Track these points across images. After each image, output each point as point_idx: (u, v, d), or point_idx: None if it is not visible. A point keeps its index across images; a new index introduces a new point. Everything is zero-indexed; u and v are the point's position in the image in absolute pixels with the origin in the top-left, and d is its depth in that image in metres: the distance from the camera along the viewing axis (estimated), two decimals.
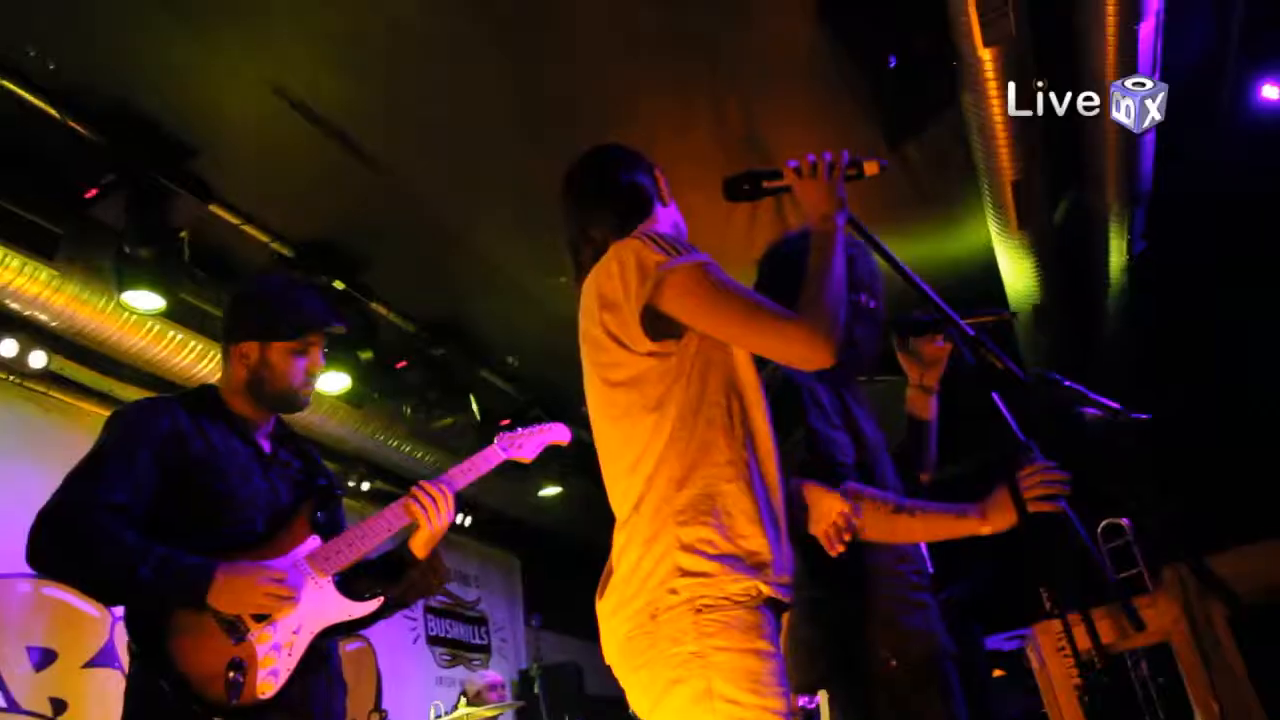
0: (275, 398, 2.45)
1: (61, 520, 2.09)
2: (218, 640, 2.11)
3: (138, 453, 2.21)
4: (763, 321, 1.82)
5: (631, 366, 1.89)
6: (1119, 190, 5.32)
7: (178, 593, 2.08)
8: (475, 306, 6.06)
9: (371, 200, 5.02)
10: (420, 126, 4.64)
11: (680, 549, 1.74)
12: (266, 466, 2.43)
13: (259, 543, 2.28)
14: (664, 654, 1.71)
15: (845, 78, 4.69)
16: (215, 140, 4.45)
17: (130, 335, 4.73)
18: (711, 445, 1.82)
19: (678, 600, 1.71)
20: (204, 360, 5.02)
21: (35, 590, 4.66)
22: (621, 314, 1.89)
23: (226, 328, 2.50)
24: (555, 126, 4.68)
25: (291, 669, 2.19)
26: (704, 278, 1.85)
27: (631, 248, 1.92)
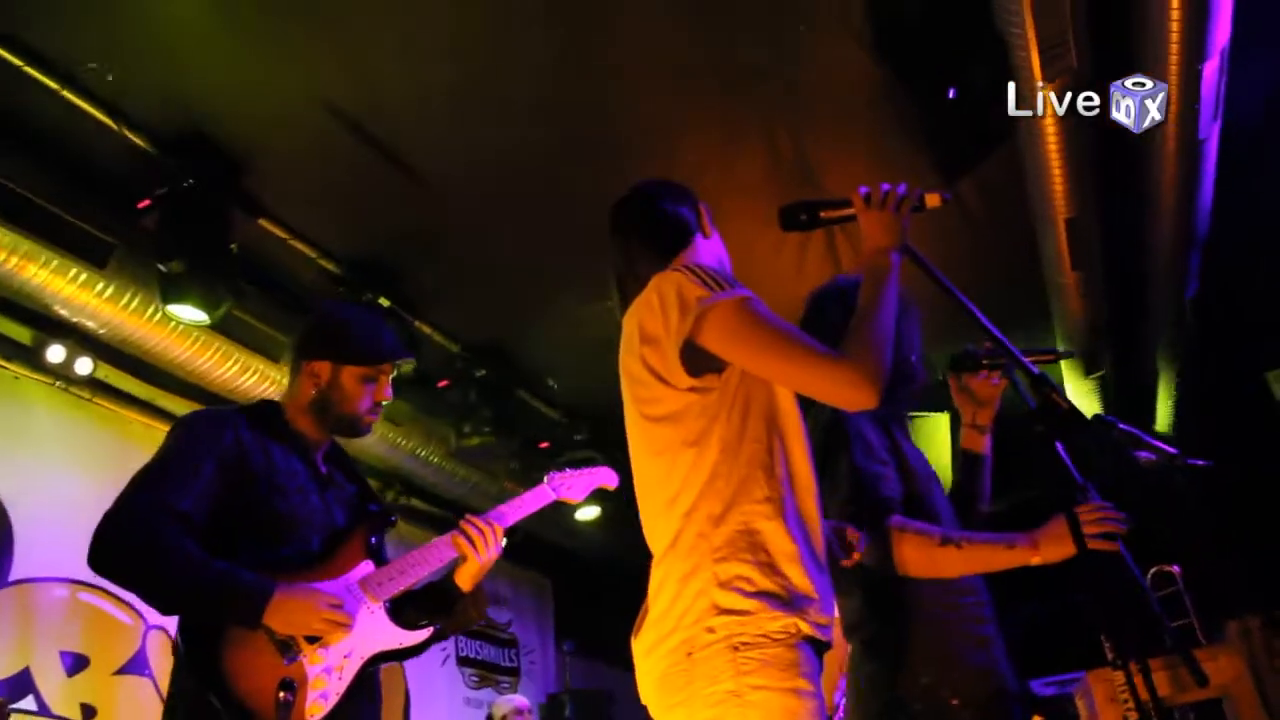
0: (339, 420, 2.45)
1: (127, 524, 2.10)
2: (270, 659, 2.11)
3: (203, 463, 2.20)
4: (806, 360, 1.79)
5: (672, 402, 1.87)
6: (1175, 231, 5.23)
7: (235, 609, 2.07)
8: (519, 329, 6.05)
9: (420, 219, 5.04)
10: (470, 149, 4.65)
11: (717, 586, 1.72)
12: (323, 487, 2.43)
13: (313, 563, 2.28)
14: (700, 693, 1.68)
15: (899, 111, 4.64)
16: (266, 154, 4.50)
17: (175, 345, 4.76)
18: (751, 482, 1.79)
19: (714, 639, 1.69)
20: (247, 373, 5.05)
21: (71, 595, 4.68)
22: (662, 348, 1.88)
23: (300, 344, 2.50)
24: (603, 157, 4.68)
25: (341, 693, 2.19)
26: (746, 313, 1.83)
27: (672, 281, 1.90)
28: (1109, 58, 4.17)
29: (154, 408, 5.30)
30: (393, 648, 2.32)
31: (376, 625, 2.30)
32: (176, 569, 2.05)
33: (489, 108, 4.43)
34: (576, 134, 4.66)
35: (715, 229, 2.17)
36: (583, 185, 4.94)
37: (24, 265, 4.15)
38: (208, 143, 4.30)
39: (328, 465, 2.50)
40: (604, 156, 4.66)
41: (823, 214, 2.05)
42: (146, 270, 4.38)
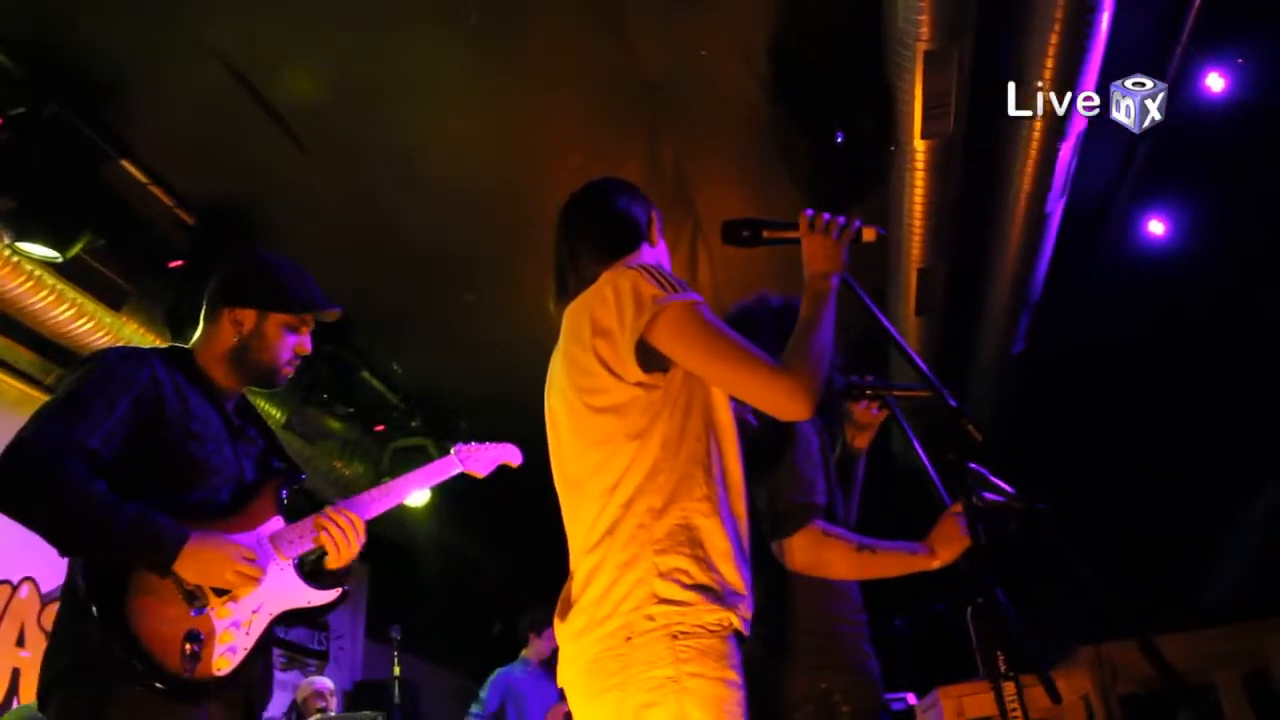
0: (257, 369, 2.36)
1: (33, 460, 1.97)
2: (177, 609, 2.02)
3: (118, 400, 2.10)
4: (751, 368, 1.86)
5: (617, 394, 1.91)
6: (1013, 292, 5.63)
7: (146, 553, 1.99)
8: (372, 307, 5.91)
9: (286, 181, 4.87)
10: (348, 116, 4.55)
11: (657, 576, 1.77)
12: (235, 439, 2.34)
13: (222, 514, 2.19)
14: (638, 677, 1.73)
15: (782, 144, 4.82)
16: (136, 89, 4.26)
17: (8, 280, 4.39)
18: (690, 480, 1.85)
19: (654, 626, 1.74)
20: (82, 319, 4.72)
21: None
22: (614, 342, 1.91)
23: (222, 289, 2.39)
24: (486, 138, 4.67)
25: (249, 648, 2.12)
26: (697, 317, 1.88)
27: (628, 277, 1.94)
28: (981, 126, 4.49)
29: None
30: (301, 605, 2.27)
31: (286, 582, 2.24)
32: (84, 508, 1.95)
33: (373, 71, 4.33)
34: (468, 115, 4.62)
35: (662, 239, 2.21)
36: (466, 168, 4.91)
37: None
38: (75, 68, 4.03)
39: (239, 418, 2.41)
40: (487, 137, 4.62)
41: (765, 233, 2.13)
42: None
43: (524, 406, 6.40)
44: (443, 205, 5.14)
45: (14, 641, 5.01)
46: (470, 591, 8.73)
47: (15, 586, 5.09)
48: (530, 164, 4.88)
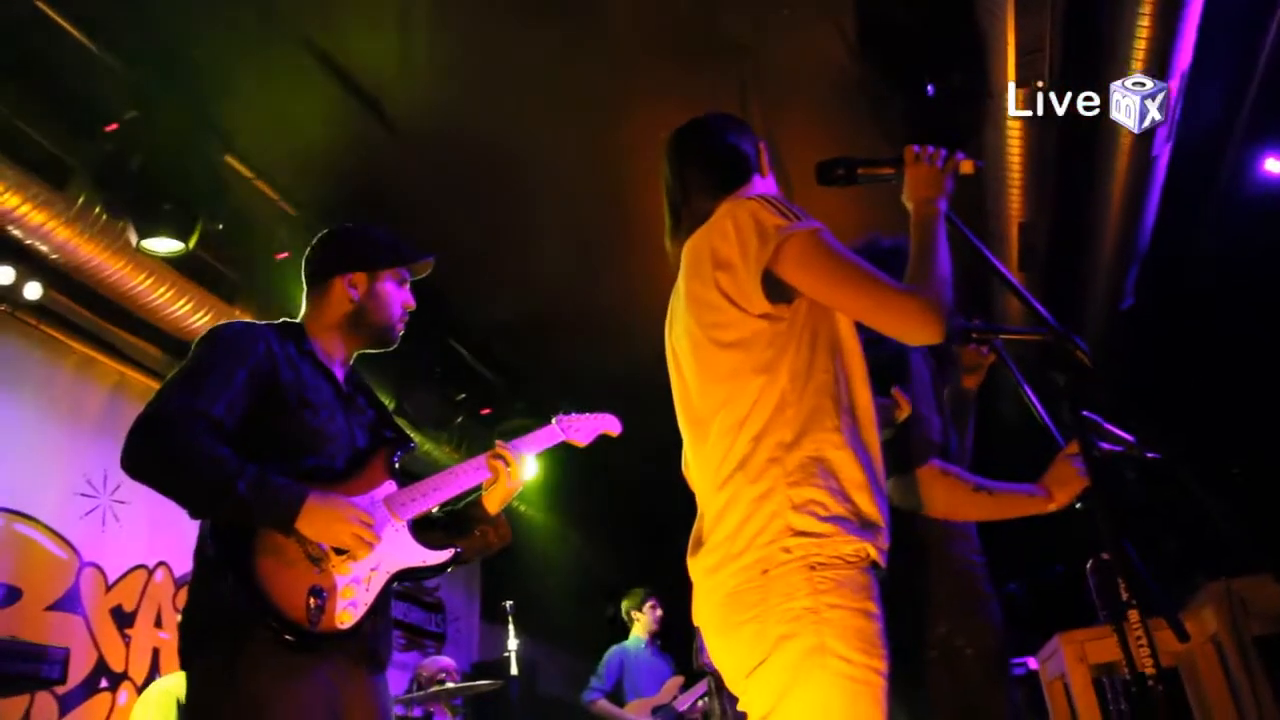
0: (377, 330, 2.48)
1: (162, 428, 2.09)
2: (301, 566, 2.12)
3: (236, 371, 2.21)
4: (879, 292, 1.84)
5: (742, 328, 1.90)
6: (1119, 244, 5.45)
7: (270, 512, 2.09)
8: (467, 282, 6.00)
9: (387, 173, 4.99)
10: (445, 102, 4.64)
11: (792, 509, 1.76)
12: (347, 408, 2.44)
13: (337, 480, 2.28)
14: (775, 609, 1.72)
15: (870, 100, 4.75)
16: (239, 89, 4.41)
17: (129, 278, 4.63)
18: (821, 411, 1.84)
19: (790, 558, 1.73)
20: (200, 312, 4.94)
21: (6, 525, 4.55)
22: (738, 275, 1.90)
23: (327, 261, 2.50)
24: (580, 110, 4.70)
25: (369, 604, 2.21)
26: (823, 244, 1.87)
27: (748, 208, 1.93)
28: (1075, 69, 4.35)
29: (100, 340, 5.17)
30: (416, 565, 2.35)
31: (401, 543, 2.33)
32: (212, 471, 2.05)
33: (468, 62, 4.42)
34: (555, 92, 4.66)
35: (772, 170, 2.20)
36: (560, 143, 4.96)
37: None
38: (183, 70, 4.19)
39: (349, 387, 2.50)
40: (581, 111, 4.65)
41: (860, 170, 2.11)
42: (109, 197, 4.25)
43: (628, 385, 6.48)
44: (545, 192, 5.22)
45: (153, 623, 5.27)
46: (581, 573, 8.83)
47: (151, 571, 5.35)
48: (621, 134, 4.91)
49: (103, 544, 5.05)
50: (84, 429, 5.09)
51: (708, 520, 1.90)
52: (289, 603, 2.07)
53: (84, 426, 5.10)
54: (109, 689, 4.90)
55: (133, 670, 5.06)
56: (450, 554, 2.42)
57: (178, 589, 5.41)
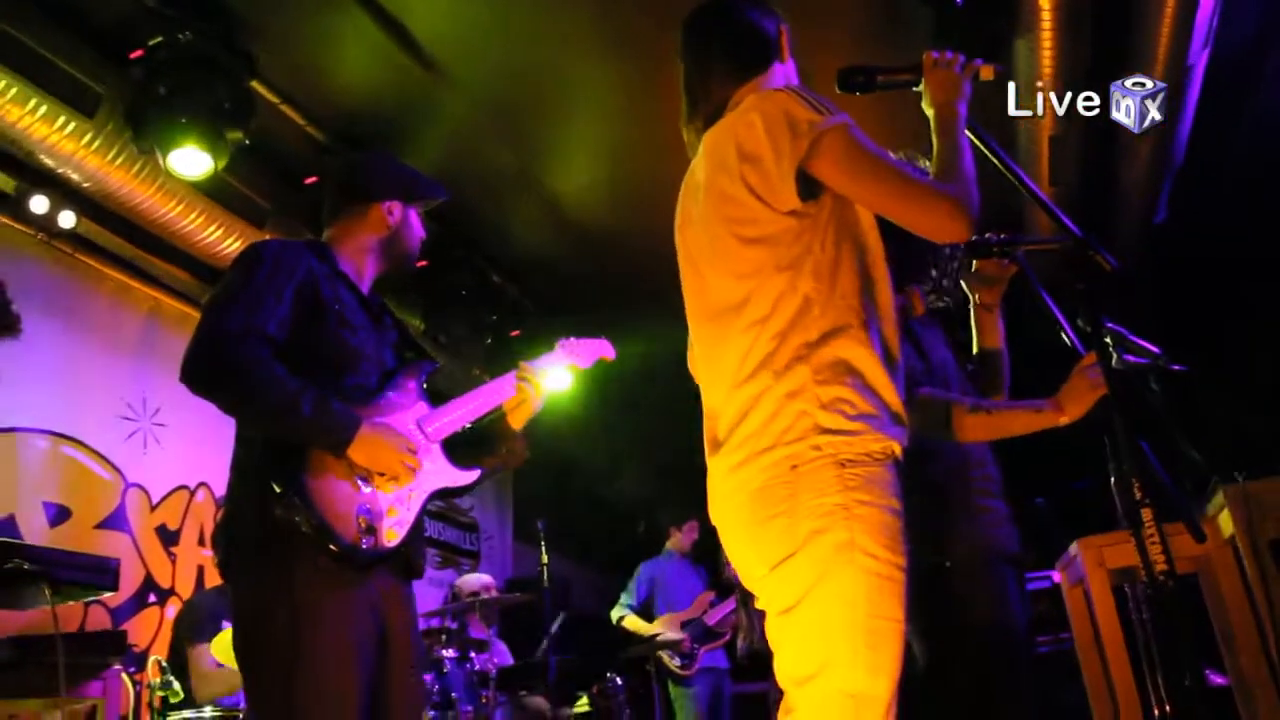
0: (402, 257, 2.58)
1: (223, 346, 2.15)
2: (350, 487, 2.20)
3: (285, 287, 2.27)
4: (912, 190, 1.83)
5: (768, 224, 1.88)
6: (1152, 156, 5.36)
7: (325, 434, 2.16)
8: (489, 206, 6.01)
9: (415, 94, 4.98)
10: (475, 29, 4.60)
11: (820, 407, 1.77)
12: (377, 327, 2.50)
13: (370, 398, 2.35)
14: (806, 504, 1.74)
15: (897, 13, 4.67)
16: (264, 12, 4.40)
17: (159, 205, 4.67)
18: (846, 310, 1.84)
19: (820, 455, 1.75)
20: (230, 237, 4.98)
21: (53, 447, 4.68)
22: (767, 170, 1.86)
23: (366, 185, 2.55)
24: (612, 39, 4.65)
25: (411, 523, 2.30)
26: (855, 140, 1.85)
27: (777, 101, 1.89)
28: None
29: (135, 267, 5.25)
30: (447, 485, 2.43)
31: (435, 463, 2.42)
32: (272, 389, 2.12)
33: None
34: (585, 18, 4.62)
35: (792, 57, 2.14)
36: (577, 60, 4.91)
37: (9, 109, 4.04)
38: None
39: (375, 307, 2.56)
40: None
41: (880, 78, 2.09)
42: (137, 123, 4.28)
43: (652, 300, 6.48)
44: (558, 107, 5.19)
45: (196, 541, 5.44)
46: (611, 492, 8.96)
47: (192, 491, 5.50)
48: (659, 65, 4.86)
49: (145, 466, 5.19)
50: (122, 354, 5.20)
51: (726, 418, 1.91)
52: (342, 521, 2.15)
53: (122, 352, 5.20)
54: (157, 603, 5.08)
55: (179, 586, 5.23)
56: (478, 474, 2.50)
57: (218, 508, 5.56)
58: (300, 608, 2.08)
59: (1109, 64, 4.72)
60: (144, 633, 4.96)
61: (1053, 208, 2.03)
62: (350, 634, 2.13)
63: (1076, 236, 1.95)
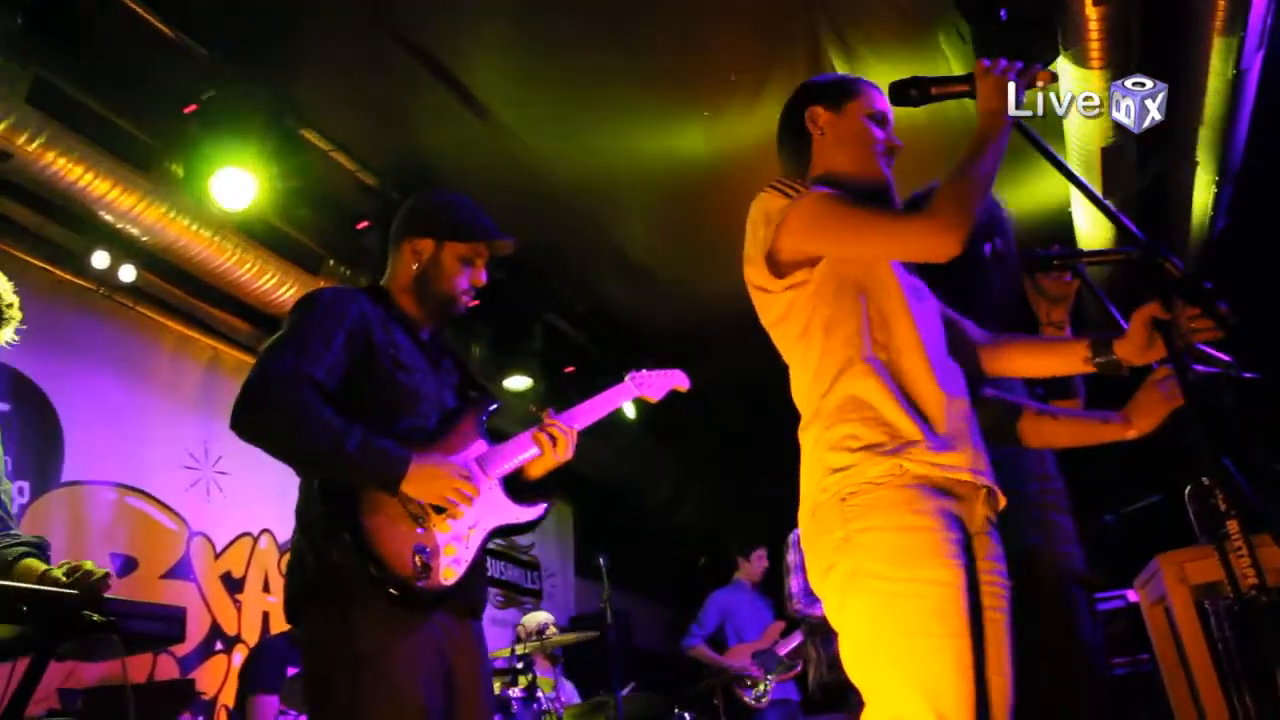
0: (436, 299, 2.50)
1: (271, 391, 2.17)
2: (405, 525, 2.20)
3: (335, 333, 2.28)
4: (885, 227, 1.92)
5: (778, 306, 2.02)
6: (1210, 166, 5.25)
7: (377, 473, 2.17)
8: (556, 252, 6.04)
9: (465, 136, 5.04)
10: (519, 60, 4.66)
11: (829, 449, 1.86)
12: (435, 368, 2.50)
13: (430, 439, 2.34)
14: (819, 545, 1.85)
15: (942, 30, 4.64)
16: (315, 62, 4.48)
17: (215, 256, 4.75)
18: (851, 350, 1.92)
19: (827, 496, 1.83)
20: (284, 286, 5.05)
21: (119, 499, 4.76)
22: (756, 264, 2.02)
23: (403, 223, 2.55)
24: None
25: (470, 561, 2.28)
26: (817, 206, 1.94)
27: (759, 203, 2.04)
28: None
29: (194, 318, 5.36)
30: (510, 521, 2.42)
31: (495, 500, 2.40)
32: (322, 432, 2.13)
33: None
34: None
35: (855, 101, 2.15)
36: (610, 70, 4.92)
37: (70, 168, 4.14)
38: (255, 44, 4.27)
39: (435, 349, 2.55)
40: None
41: (934, 89, 2.05)
42: (192, 176, 4.37)
43: (707, 335, 6.44)
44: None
45: (261, 588, 5.48)
46: (674, 526, 8.90)
47: (255, 538, 5.55)
48: (697, 92, 4.88)
49: (208, 514, 5.25)
50: (183, 405, 5.28)
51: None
52: (398, 561, 2.14)
53: (183, 402, 5.29)
54: (224, 651, 5.12)
55: (245, 633, 5.27)
56: (542, 509, 2.48)
57: (281, 555, 5.60)
58: (362, 652, 2.08)
59: (1158, 71, 4.64)
60: (212, 681, 4.99)
61: (1113, 210, 1.98)
62: (415, 678, 2.11)
63: (1143, 243, 1.89)
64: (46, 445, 4.48)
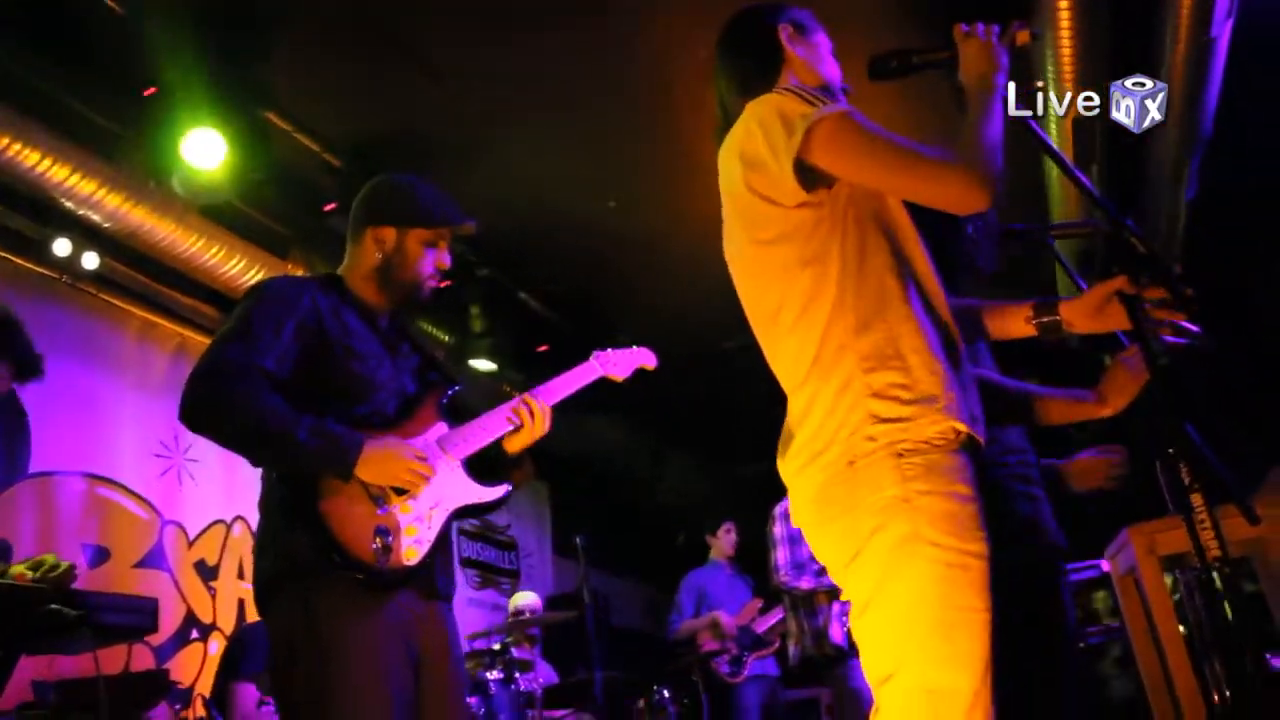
0: (402, 286, 2.48)
1: (218, 382, 2.15)
2: (364, 507, 2.19)
3: (284, 323, 2.26)
4: (917, 165, 1.78)
5: (782, 222, 1.86)
6: (1179, 136, 5.25)
7: (328, 459, 2.15)
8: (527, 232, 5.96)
9: (430, 118, 4.97)
10: (486, 47, 4.59)
11: (872, 396, 1.72)
12: (392, 354, 2.48)
13: (389, 425, 2.34)
14: (864, 500, 1.70)
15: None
16: (273, 42, 4.40)
17: (181, 241, 4.70)
18: (885, 290, 1.80)
19: (876, 446, 1.70)
20: (252, 269, 5.00)
21: (89, 489, 4.71)
22: (769, 171, 1.85)
23: (362, 211, 2.52)
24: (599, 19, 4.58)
25: (432, 541, 2.27)
26: (853, 126, 1.81)
27: (770, 103, 1.88)
28: None
29: (160, 304, 5.29)
30: (474, 502, 2.41)
31: (457, 481, 2.39)
32: (272, 421, 2.11)
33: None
34: None
35: (814, 36, 2.08)
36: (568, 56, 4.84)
37: (28, 154, 4.07)
38: (221, 30, 4.20)
39: (392, 334, 2.54)
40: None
41: (915, 59, 1.99)
42: (154, 161, 4.29)
43: (681, 309, 6.41)
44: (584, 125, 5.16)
45: (235, 575, 5.45)
46: (650, 503, 8.91)
47: (229, 525, 5.52)
48: (661, 68, 4.82)
49: (180, 502, 5.21)
50: (151, 392, 5.22)
51: (793, 418, 1.88)
52: (357, 544, 2.13)
53: (151, 389, 5.23)
54: (199, 639, 5.10)
55: (220, 621, 5.25)
56: (505, 489, 2.48)
57: (255, 534, 5.56)
58: (326, 639, 2.08)
59: (1127, 40, 4.63)
60: (188, 669, 4.96)
61: (1085, 183, 1.97)
62: (380, 662, 2.12)
63: (1110, 217, 1.87)
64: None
